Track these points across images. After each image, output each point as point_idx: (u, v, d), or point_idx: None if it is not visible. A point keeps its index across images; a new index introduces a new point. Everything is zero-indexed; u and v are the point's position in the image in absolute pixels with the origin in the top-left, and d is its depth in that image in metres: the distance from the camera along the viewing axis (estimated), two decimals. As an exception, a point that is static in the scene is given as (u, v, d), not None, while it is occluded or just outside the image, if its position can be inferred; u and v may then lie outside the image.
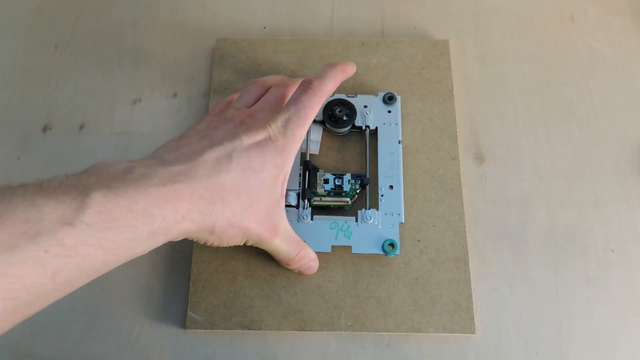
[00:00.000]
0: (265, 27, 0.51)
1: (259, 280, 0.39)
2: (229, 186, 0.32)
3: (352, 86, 0.46)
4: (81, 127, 0.46)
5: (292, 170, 0.41)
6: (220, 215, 0.32)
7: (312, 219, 0.40)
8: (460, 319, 0.38)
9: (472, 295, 0.39)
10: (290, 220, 0.39)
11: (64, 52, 0.50)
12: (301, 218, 0.39)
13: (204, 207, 0.31)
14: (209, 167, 0.32)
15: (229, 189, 0.32)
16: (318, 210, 0.41)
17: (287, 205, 0.40)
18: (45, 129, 0.46)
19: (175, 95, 0.48)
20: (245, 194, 0.33)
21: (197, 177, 0.31)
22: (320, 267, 0.40)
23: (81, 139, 0.46)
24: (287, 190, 0.40)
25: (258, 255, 0.40)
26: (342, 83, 0.46)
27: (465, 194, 0.43)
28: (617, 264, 0.41)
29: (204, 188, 0.31)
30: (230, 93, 0.46)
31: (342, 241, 0.39)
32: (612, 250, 0.41)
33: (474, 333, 0.38)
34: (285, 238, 0.36)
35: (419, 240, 0.41)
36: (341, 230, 0.39)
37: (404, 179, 0.42)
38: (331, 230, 0.39)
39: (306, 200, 0.40)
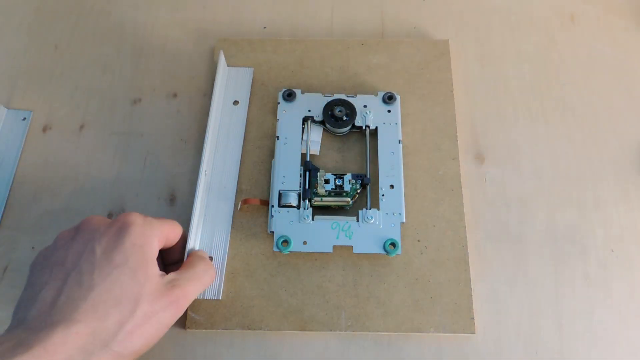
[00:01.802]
0: (265, 27, 0.51)
1: (259, 280, 0.39)
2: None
3: (353, 86, 0.46)
4: (81, 127, 0.46)
5: (292, 171, 0.41)
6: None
7: (313, 219, 0.40)
8: (460, 319, 0.38)
9: (472, 295, 0.39)
10: (291, 221, 0.39)
11: (64, 52, 0.50)
12: (302, 218, 0.39)
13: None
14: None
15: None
16: (319, 210, 0.41)
17: (288, 206, 0.40)
18: (45, 129, 0.46)
19: (175, 95, 0.48)
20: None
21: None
22: (321, 267, 0.40)
23: (81, 139, 0.46)
24: (287, 190, 0.40)
25: (258, 255, 0.40)
26: (343, 83, 0.47)
27: (465, 194, 0.43)
28: (617, 264, 0.41)
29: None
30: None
31: (343, 241, 0.39)
32: (612, 250, 0.41)
33: (474, 333, 0.38)
34: (189, 293, 0.34)
35: (419, 240, 0.41)
36: (342, 230, 0.39)
37: (404, 179, 0.42)
38: (332, 230, 0.39)
39: (307, 201, 0.40)
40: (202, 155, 0.41)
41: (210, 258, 0.40)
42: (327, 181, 0.41)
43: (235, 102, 0.46)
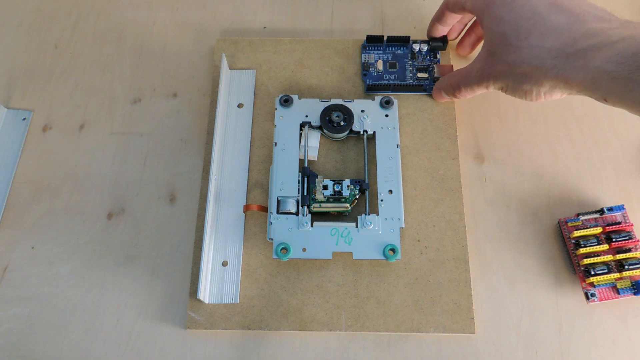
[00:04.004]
0: (265, 27, 0.51)
1: (259, 280, 0.39)
2: None
3: (353, 86, 0.46)
4: (81, 127, 0.46)
5: (290, 177, 0.41)
6: None
7: (312, 225, 0.39)
8: (460, 319, 0.38)
9: (472, 295, 0.39)
10: (290, 228, 0.39)
11: (64, 52, 0.50)
12: (301, 225, 0.39)
13: None
14: None
15: None
16: (318, 216, 0.41)
17: (286, 213, 0.40)
18: (45, 129, 0.46)
19: (175, 95, 0.48)
20: None
21: None
22: (320, 267, 0.40)
23: (81, 139, 0.46)
24: (286, 197, 0.40)
25: (258, 255, 0.40)
26: (342, 84, 0.47)
27: (465, 194, 0.43)
28: (617, 264, 0.41)
29: None
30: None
31: (342, 247, 0.39)
32: (612, 250, 0.41)
33: (474, 333, 0.38)
34: None
35: (419, 240, 0.41)
36: (342, 236, 0.39)
37: (403, 179, 0.42)
38: (332, 236, 0.39)
39: (306, 207, 0.40)
40: (211, 161, 0.41)
41: (225, 263, 0.40)
42: (325, 187, 0.40)
43: (240, 105, 0.46)
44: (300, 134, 0.43)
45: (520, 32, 0.36)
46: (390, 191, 0.41)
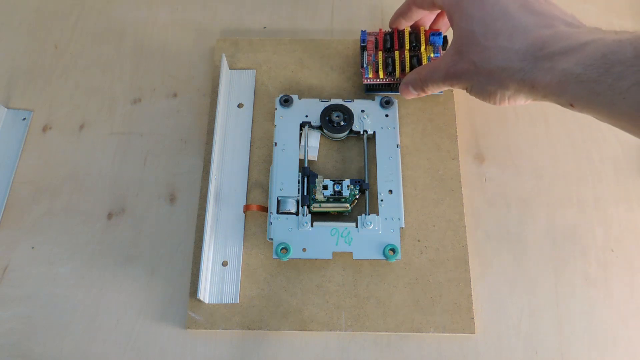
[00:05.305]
0: (265, 27, 0.51)
1: (259, 281, 0.39)
2: None
3: (353, 86, 0.46)
4: (81, 127, 0.46)
5: (290, 177, 0.41)
6: None
7: (312, 225, 0.39)
8: (460, 319, 0.38)
9: (472, 295, 0.39)
10: (290, 228, 0.39)
11: (64, 52, 0.50)
12: (301, 225, 0.39)
13: None
14: None
15: None
16: (318, 216, 0.41)
17: (286, 213, 0.40)
18: (45, 129, 0.46)
19: (175, 95, 0.48)
20: None
21: None
22: (320, 267, 0.40)
23: (81, 139, 0.46)
24: (286, 197, 0.40)
25: (258, 255, 0.40)
26: (342, 83, 0.47)
27: (465, 194, 0.43)
28: (617, 264, 0.41)
29: None
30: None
31: (342, 247, 0.39)
32: (612, 250, 0.41)
33: (474, 333, 0.38)
34: None
35: (419, 240, 0.41)
36: (342, 236, 0.39)
37: (403, 179, 0.42)
38: (332, 236, 0.39)
39: (306, 207, 0.40)
40: (211, 161, 0.41)
41: (225, 263, 0.40)
42: (325, 187, 0.40)
43: (240, 105, 0.46)
44: (300, 134, 0.43)
45: (488, 32, 0.35)
46: (390, 191, 0.41)
